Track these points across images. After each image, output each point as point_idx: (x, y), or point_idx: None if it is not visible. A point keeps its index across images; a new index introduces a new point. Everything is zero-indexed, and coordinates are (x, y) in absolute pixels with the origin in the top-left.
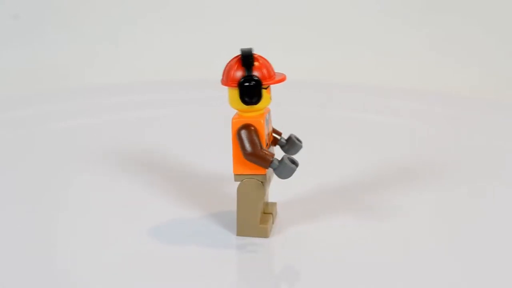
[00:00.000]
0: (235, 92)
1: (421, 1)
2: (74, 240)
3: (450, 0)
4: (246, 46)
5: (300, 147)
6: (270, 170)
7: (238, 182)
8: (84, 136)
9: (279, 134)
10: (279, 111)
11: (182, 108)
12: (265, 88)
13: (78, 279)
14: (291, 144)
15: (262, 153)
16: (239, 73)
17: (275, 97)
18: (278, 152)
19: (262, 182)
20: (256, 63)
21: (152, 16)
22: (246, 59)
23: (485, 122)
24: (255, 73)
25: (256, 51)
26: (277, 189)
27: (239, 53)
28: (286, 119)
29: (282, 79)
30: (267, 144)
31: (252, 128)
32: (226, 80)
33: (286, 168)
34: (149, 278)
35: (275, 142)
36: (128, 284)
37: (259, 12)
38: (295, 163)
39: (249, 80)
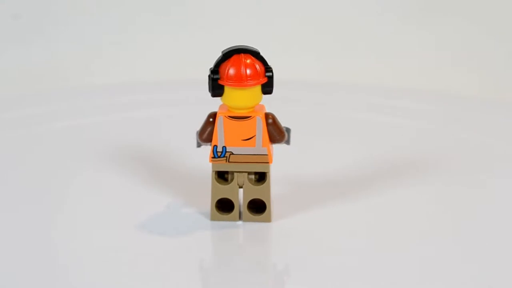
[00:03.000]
0: (258, 87)
1: (421, 1)
2: (75, 240)
3: (450, 0)
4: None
5: None
6: None
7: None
8: (84, 136)
9: None
10: (278, 110)
11: (182, 108)
12: None
13: (78, 279)
14: None
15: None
16: (262, 67)
17: (275, 97)
18: None
19: None
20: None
21: (152, 16)
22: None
23: (485, 122)
24: None
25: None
26: (277, 186)
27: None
28: (286, 119)
29: None
30: None
31: None
32: (259, 77)
33: (290, 134)
34: (152, 278)
35: None
36: (129, 284)
37: (259, 12)
38: None
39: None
